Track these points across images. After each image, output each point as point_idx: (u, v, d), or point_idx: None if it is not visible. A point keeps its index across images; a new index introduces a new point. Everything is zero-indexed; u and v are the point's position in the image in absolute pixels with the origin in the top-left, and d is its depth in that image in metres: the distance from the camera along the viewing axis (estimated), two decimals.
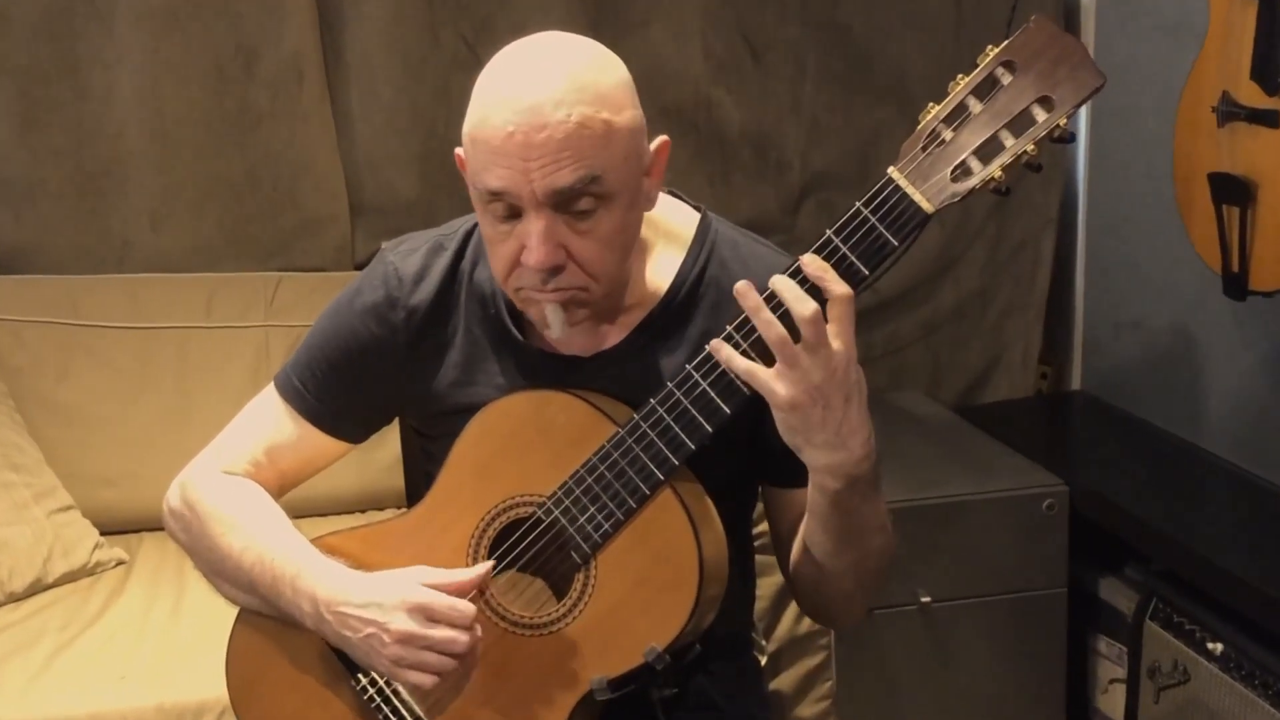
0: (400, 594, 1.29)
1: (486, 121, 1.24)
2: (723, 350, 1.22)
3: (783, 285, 1.19)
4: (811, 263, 1.20)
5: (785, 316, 1.19)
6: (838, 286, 1.19)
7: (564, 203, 1.24)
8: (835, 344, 1.18)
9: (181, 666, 2.01)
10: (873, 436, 1.24)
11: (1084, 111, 1.08)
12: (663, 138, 1.33)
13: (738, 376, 1.22)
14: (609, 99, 1.25)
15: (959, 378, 3.17)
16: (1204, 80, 2.25)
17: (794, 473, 1.31)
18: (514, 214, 1.26)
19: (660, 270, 1.40)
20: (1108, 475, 2.65)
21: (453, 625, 1.28)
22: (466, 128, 1.27)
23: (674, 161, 1.36)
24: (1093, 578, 2.63)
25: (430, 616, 1.28)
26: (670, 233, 1.41)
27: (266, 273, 2.66)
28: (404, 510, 1.50)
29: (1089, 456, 2.84)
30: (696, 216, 1.44)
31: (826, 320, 1.18)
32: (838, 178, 2.97)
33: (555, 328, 1.31)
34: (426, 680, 1.30)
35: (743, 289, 1.19)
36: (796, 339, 1.18)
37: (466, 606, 1.29)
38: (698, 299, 1.39)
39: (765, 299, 1.20)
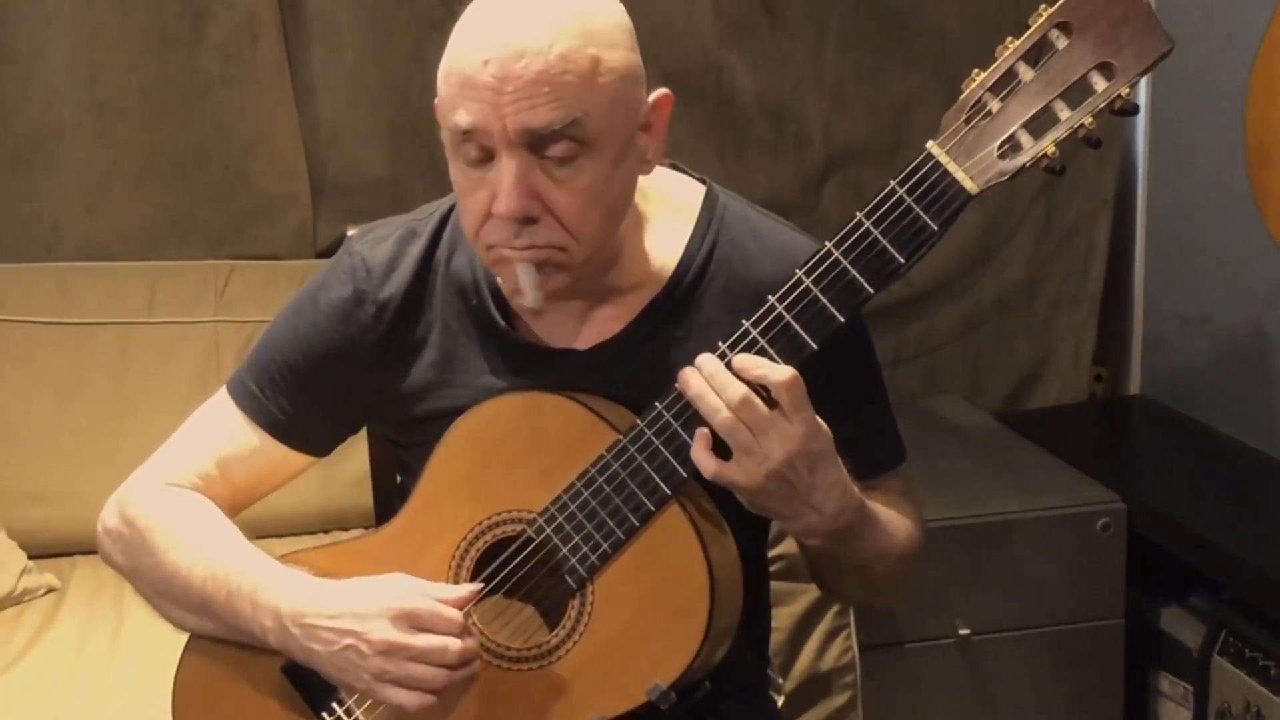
0: (381, 600, 1.29)
1: (460, 52, 1.26)
2: (702, 459, 1.27)
3: (741, 362, 1.25)
4: (742, 361, 1.25)
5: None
6: (779, 373, 1.23)
7: (539, 145, 1.26)
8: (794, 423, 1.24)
9: (120, 706, 2.02)
10: (847, 488, 1.29)
11: (1144, 79, 1.09)
12: (663, 90, 1.35)
13: (714, 477, 1.27)
14: (599, 35, 1.26)
15: (1002, 380, 3.18)
16: None
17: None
18: (486, 158, 1.28)
19: (663, 248, 1.41)
20: (1171, 491, 2.66)
21: (440, 633, 1.28)
22: (440, 65, 1.30)
23: (678, 134, 1.37)
24: (1154, 607, 2.64)
25: (415, 624, 1.28)
26: (673, 207, 1.43)
27: (216, 261, 2.66)
28: (374, 528, 1.50)
29: (1150, 470, 2.85)
30: (701, 189, 1.45)
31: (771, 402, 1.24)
32: (865, 153, 2.98)
33: (528, 292, 1.32)
34: (412, 699, 1.29)
35: (686, 376, 1.26)
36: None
37: (453, 612, 1.29)
38: (706, 282, 1.41)
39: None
